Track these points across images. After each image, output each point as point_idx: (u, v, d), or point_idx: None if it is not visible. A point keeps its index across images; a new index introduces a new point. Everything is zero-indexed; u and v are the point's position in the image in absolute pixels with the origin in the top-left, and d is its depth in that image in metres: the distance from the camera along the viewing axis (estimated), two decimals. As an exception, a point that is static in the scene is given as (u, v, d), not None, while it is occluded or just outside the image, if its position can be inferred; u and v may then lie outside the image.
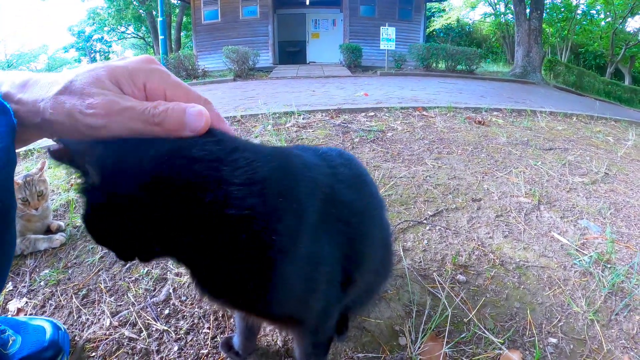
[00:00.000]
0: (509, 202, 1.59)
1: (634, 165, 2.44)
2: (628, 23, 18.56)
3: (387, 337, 0.89)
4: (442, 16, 21.51)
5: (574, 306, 1.02)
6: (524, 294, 1.06)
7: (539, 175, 1.96)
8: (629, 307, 1.04)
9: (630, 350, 0.90)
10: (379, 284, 0.81)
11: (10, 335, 0.80)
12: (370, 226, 0.63)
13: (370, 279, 0.69)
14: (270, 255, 0.42)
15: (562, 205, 1.62)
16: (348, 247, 0.53)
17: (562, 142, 2.76)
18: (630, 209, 1.68)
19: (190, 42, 18.61)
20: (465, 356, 0.84)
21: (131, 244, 0.40)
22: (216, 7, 13.23)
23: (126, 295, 1.01)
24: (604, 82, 14.34)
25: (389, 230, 0.79)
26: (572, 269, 1.19)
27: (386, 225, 0.76)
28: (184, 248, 0.40)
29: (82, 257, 1.19)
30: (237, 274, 0.43)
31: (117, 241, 0.41)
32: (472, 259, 1.19)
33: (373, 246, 0.65)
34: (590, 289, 1.10)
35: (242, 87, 7.62)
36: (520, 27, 11.69)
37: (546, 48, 17.77)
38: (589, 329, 0.96)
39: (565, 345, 0.90)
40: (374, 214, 0.65)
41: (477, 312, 0.97)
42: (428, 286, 1.05)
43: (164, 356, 0.82)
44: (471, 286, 1.07)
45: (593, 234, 1.42)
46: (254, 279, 0.43)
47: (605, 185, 1.94)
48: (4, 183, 0.39)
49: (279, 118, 3.02)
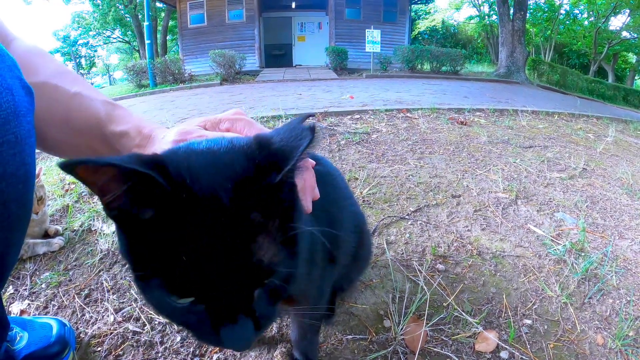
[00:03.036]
0: (487, 198, 1.69)
1: (613, 160, 2.56)
2: (611, 22, 19.15)
3: (372, 320, 0.97)
4: (427, 18, 21.87)
5: (548, 291, 1.11)
6: (500, 280, 1.15)
7: (517, 172, 2.06)
8: (602, 292, 1.13)
9: (603, 330, 0.98)
10: (360, 269, 0.90)
11: (18, 332, 0.83)
12: (343, 214, 0.73)
13: (349, 262, 0.78)
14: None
15: (539, 200, 1.72)
16: (328, 233, 0.61)
17: (542, 140, 2.87)
18: (606, 202, 1.78)
19: (176, 46, 18.52)
20: (445, 335, 0.92)
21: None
22: (202, 11, 13.21)
23: (128, 292, 1.06)
24: (587, 80, 14.71)
25: (363, 219, 0.88)
26: (547, 258, 1.28)
27: (359, 215, 0.86)
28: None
29: (82, 259, 1.23)
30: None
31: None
32: (451, 250, 1.28)
33: (347, 232, 0.74)
34: (564, 275, 1.19)
35: (229, 91, 7.63)
36: (504, 27, 11.95)
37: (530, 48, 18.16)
38: (562, 311, 1.04)
39: (539, 326, 0.99)
40: (345, 204, 0.75)
41: (455, 297, 1.05)
42: (409, 275, 1.14)
43: (168, 346, 0.88)
44: (450, 274, 1.16)
45: (568, 225, 1.52)
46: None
47: (583, 180, 2.04)
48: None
49: (266, 122, 3.07)
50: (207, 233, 0.32)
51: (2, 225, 0.46)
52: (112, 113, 0.63)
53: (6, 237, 0.48)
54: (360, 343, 0.90)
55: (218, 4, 13.04)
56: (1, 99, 0.42)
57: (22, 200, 0.48)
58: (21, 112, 0.45)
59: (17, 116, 0.44)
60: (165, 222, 0.32)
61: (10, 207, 0.46)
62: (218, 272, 0.32)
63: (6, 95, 0.43)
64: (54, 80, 0.60)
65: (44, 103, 0.57)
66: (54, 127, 0.60)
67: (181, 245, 0.32)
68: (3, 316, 0.70)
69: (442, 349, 0.89)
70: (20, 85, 0.47)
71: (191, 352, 0.86)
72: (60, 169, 0.35)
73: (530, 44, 19.72)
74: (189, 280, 0.33)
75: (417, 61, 12.02)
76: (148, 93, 9.07)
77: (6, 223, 0.46)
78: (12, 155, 0.44)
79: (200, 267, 0.32)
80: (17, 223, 0.50)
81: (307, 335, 0.76)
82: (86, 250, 1.27)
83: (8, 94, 0.43)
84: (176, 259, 0.32)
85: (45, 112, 0.58)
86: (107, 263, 1.19)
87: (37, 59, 0.62)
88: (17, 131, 0.44)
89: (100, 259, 1.21)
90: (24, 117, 0.46)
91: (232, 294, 0.34)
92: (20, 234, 0.53)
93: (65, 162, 0.29)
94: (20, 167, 0.46)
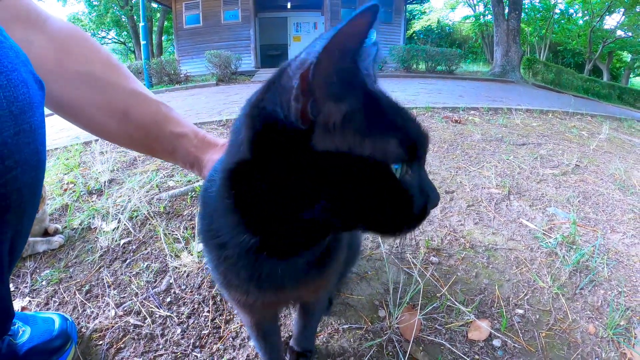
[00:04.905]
0: (481, 194, 1.72)
1: (606, 156, 2.59)
2: (605, 21, 19.24)
3: (368, 310, 0.99)
4: (423, 18, 21.95)
5: (539, 282, 1.14)
6: (492, 272, 1.18)
7: (510, 168, 2.09)
8: (594, 283, 1.15)
9: (595, 320, 1.01)
10: (352, 261, 0.92)
11: (20, 327, 0.84)
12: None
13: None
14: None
15: (531, 195, 1.75)
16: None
17: (535, 138, 2.90)
18: (598, 197, 1.81)
19: (171, 46, 18.51)
20: (438, 324, 0.95)
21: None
22: (197, 11, 13.19)
23: (129, 288, 1.08)
24: (582, 79, 14.76)
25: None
26: (539, 251, 1.31)
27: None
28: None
29: (82, 257, 1.24)
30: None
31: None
32: (445, 244, 1.31)
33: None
34: (555, 267, 1.22)
35: (225, 92, 7.63)
36: (499, 27, 12.01)
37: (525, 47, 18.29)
38: (554, 301, 1.07)
39: (531, 316, 1.01)
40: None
41: (448, 288, 1.08)
42: (404, 267, 1.16)
43: (168, 339, 0.90)
44: (443, 266, 1.18)
45: (560, 219, 1.55)
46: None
47: (576, 176, 2.07)
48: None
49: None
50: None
51: (15, 210, 0.48)
52: (169, 114, 0.72)
53: (18, 223, 0.51)
54: (356, 332, 0.92)
55: (213, 5, 13.03)
56: (18, 91, 0.45)
57: (34, 187, 0.51)
58: (35, 104, 0.48)
59: (31, 107, 0.47)
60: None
61: (24, 193, 0.48)
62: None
63: (22, 87, 0.46)
64: (108, 74, 0.67)
65: (99, 94, 0.65)
66: (112, 119, 0.68)
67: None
68: (9, 306, 0.72)
69: (435, 337, 0.91)
70: (33, 80, 0.50)
71: (191, 344, 0.88)
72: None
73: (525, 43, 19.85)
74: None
75: (413, 61, 12.06)
76: (144, 94, 9.05)
77: (19, 208, 0.49)
78: (27, 143, 0.47)
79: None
80: (28, 210, 0.52)
81: (311, 324, 0.78)
82: (86, 248, 1.28)
83: (24, 87, 0.46)
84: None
85: (106, 105, 0.67)
86: (107, 260, 1.21)
87: (82, 45, 0.67)
88: (32, 121, 0.47)
89: (100, 255, 1.23)
90: (37, 108, 0.49)
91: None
92: (29, 222, 0.56)
93: None
94: (34, 154, 0.48)
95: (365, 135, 0.33)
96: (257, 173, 0.36)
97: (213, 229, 0.46)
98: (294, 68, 0.31)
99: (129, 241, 1.30)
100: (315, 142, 0.32)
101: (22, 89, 0.46)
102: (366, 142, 0.33)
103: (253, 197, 0.38)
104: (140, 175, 1.86)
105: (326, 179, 0.34)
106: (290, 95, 0.31)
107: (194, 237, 1.27)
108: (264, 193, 0.37)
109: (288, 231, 0.40)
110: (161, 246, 1.24)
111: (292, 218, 0.38)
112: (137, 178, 1.80)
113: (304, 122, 0.32)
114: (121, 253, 1.24)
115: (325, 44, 0.29)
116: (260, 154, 0.35)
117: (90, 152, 2.40)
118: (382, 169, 0.35)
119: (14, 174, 0.45)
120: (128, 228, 1.36)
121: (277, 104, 0.32)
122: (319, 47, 0.29)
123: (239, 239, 0.42)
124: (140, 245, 1.27)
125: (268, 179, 0.35)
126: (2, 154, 0.43)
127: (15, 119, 0.45)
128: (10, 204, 0.47)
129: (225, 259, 0.46)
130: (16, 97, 0.45)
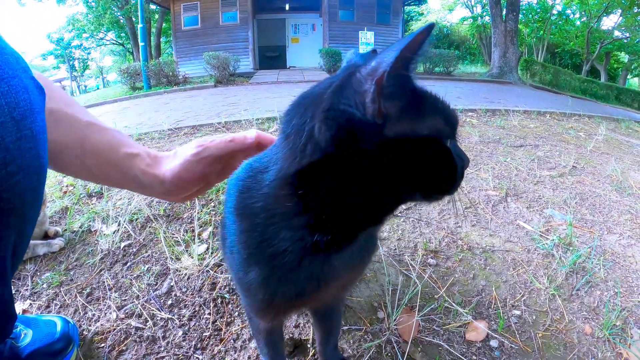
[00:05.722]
0: (478, 196, 1.73)
1: (603, 158, 2.60)
2: (603, 22, 19.37)
3: (367, 312, 1.00)
4: (420, 19, 22.00)
5: (536, 283, 1.15)
6: (489, 274, 1.19)
7: (508, 170, 2.11)
8: (590, 284, 1.17)
9: (591, 321, 1.02)
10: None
11: (22, 330, 0.85)
12: None
13: None
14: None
15: (528, 197, 1.76)
16: None
17: (533, 139, 2.92)
18: (595, 198, 1.83)
19: (170, 48, 18.49)
20: (436, 325, 0.96)
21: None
22: (196, 13, 13.21)
23: (130, 290, 1.08)
24: (580, 79, 14.81)
25: None
26: (536, 252, 1.32)
27: None
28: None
29: (83, 260, 1.25)
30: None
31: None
32: (442, 245, 1.32)
33: None
34: (552, 268, 1.23)
35: (224, 93, 7.64)
36: (496, 28, 12.07)
37: (523, 48, 18.32)
38: (550, 302, 1.08)
39: (528, 316, 1.03)
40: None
41: (446, 290, 1.09)
42: (402, 269, 1.18)
43: (170, 341, 0.91)
44: (441, 268, 1.20)
45: (557, 221, 1.56)
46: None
47: (573, 178, 2.08)
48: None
49: (262, 124, 3.10)
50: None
51: (18, 213, 0.49)
52: (122, 139, 0.75)
53: (21, 226, 0.52)
54: (355, 333, 0.93)
55: (212, 6, 13.05)
56: (19, 97, 0.46)
57: (36, 191, 0.52)
58: (36, 109, 0.49)
59: (32, 113, 0.48)
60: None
61: (26, 197, 0.49)
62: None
63: (23, 94, 0.47)
64: (67, 109, 0.69)
65: (59, 129, 0.66)
66: (67, 149, 0.69)
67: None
68: (11, 308, 0.72)
69: (433, 338, 0.92)
70: (34, 85, 0.51)
71: (193, 346, 0.89)
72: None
73: (523, 45, 19.91)
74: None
75: (411, 62, 12.05)
76: (142, 95, 9.05)
77: (22, 212, 0.50)
78: (29, 148, 0.48)
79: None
80: (30, 213, 0.53)
81: (337, 329, 0.79)
82: (87, 251, 1.29)
83: (24, 93, 0.47)
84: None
85: (62, 137, 0.67)
86: (108, 262, 1.22)
87: (47, 85, 0.68)
88: (33, 127, 0.48)
89: (101, 258, 1.24)
90: (38, 114, 0.50)
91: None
92: (32, 226, 0.57)
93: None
94: (35, 159, 0.49)
95: (419, 120, 0.41)
96: (334, 168, 0.40)
97: (266, 240, 0.47)
98: (365, 74, 0.37)
99: (129, 244, 1.30)
100: (387, 132, 0.39)
101: (23, 95, 0.47)
102: (422, 125, 0.41)
103: (328, 191, 0.42)
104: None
105: (396, 159, 0.40)
106: (365, 98, 0.37)
107: (194, 240, 1.28)
108: (341, 185, 0.41)
109: (361, 215, 0.44)
110: (161, 249, 1.25)
111: (366, 200, 0.43)
112: (137, 181, 1.80)
113: (379, 118, 0.38)
114: (122, 256, 1.25)
115: (396, 55, 0.35)
116: (339, 150, 0.39)
117: (90, 154, 2.40)
118: (437, 143, 0.42)
119: (16, 179, 0.46)
120: (128, 231, 1.37)
121: (352, 106, 0.38)
122: (391, 58, 0.35)
123: (304, 242, 0.45)
124: (140, 248, 1.28)
125: (346, 171, 0.40)
126: (5, 160, 0.44)
127: (17, 125, 0.46)
128: (13, 207, 0.48)
129: (283, 266, 0.48)
130: (17, 104, 0.46)
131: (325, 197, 0.42)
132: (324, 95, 0.40)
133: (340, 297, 0.72)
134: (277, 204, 0.45)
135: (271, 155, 0.47)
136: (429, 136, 0.42)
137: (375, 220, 0.47)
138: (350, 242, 0.48)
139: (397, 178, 0.41)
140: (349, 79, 0.39)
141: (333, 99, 0.39)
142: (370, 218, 0.46)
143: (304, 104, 0.43)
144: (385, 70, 0.35)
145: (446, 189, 0.47)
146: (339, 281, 0.55)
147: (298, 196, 0.42)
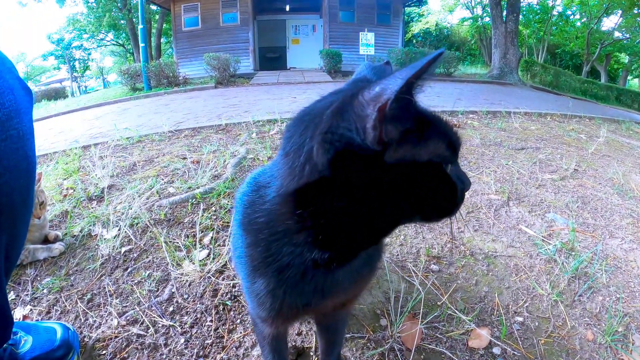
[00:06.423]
0: (480, 200, 1.73)
1: (604, 160, 2.59)
2: (603, 23, 19.33)
3: (369, 319, 1.00)
4: (421, 21, 21.98)
5: (538, 289, 1.15)
6: (492, 279, 1.18)
7: (509, 173, 2.10)
8: (592, 289, 1.16)
9: (593, 327, 1.02)
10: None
11: (22, 336, 0.84)
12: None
13: None
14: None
15: (530, 201, 1.76)
16: None
17: (534, 142, 2.91)
18: (597, 202, 1.82)
19: (170, 49, 18.50)
20: (439, 333, 0.95)
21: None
22: (196, 14, 13.20)
23: (131, 296, 1.08)
24: (580, 80, 14.78)
25: None
26: (538, 257, 1.32)
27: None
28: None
29: (83, 264, 1.24)
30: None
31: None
32: (445, 251, 1.32)
33: None
34: (554, 274, 1.22)
35: (224, 94, 7.63)
36: (497, 29, 12.05)
37: (523, 49, 18.32)
38: (553, 308, 1.08)
39: (530, 323, 1.02)
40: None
41: (449, 296, 1.09)
42: (405, 275, 1.17)
43: (172, 349, 0.90)
44: (444, 274, 1.19)
45: (559, 225, 1.56)
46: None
47: (574, 181, 2.08)
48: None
49: (262, 126, 3.10)
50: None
51: (8, 216, 0.49)
52: None
53: (12, 227, 0.51)
54: (358, 341, 0.93)
55: (212, 7, 13.04)
56: (4, 98, 0.46)
57: (25, 192, 0.52)
58: (22, 110, 0.49)
59: (18, 113, 0.48)
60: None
61: (15, 199, 0.49)
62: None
63: (8, 94, 0.46)
64: None
65: None
66: None
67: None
68: (8, 313, 0.72)
69: (436, 345, 0.92)
70: (20, 86, 0.50)
71: (195, 354, 0.89)
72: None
73: (524, 46, 19.91)
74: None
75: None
76: (142, 96, 9.03)
77: (11, 214, 0.49)
78: (15, 149, 0.47)
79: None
80: (21, 215, 0.53)
81: (341, 338, 0.79)
82: (87, 256, 1.28)
83: (10, 94, 0.47)
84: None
85: None
86: (109, 268, 1.21)
87: None
88: (19, 127, 0.48)
89: (101, 263, 1.23)
90: (25, 114, 0.49)
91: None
92: (24, 228, 0.56)
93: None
94: (22, 160, 0.49)
95: (420, 145, 0.40)
96: (331, 190, 0.40)
97: (271, 254, 0.48)
98: (368, 99, 0.36)
99: (130, 249, 1.30)
100: (387, 158, 0.38)
101: (8, 96, 0.46)
102: (422, 151, 0.41)
103: (326, 212, 0.42)
104: (140, 181, 1.87)
105: (394, 184, 0.40)
106: (366, 123, 0.36)
107: (195, 246, 1.28)
108: (339, 206, 0.41)
109: (358, 236, 0.45)
110: (162, 254, 1.25)
111: (364, 223, 0.43)
112: (137, 184, 1.80)
113: (379, 145, 0.37)
114: (122, 261, 1.24)
115: (402, 84, 0.34)
116: (337, 173, 0.39)
117: (90, 156, 2.40)
118: (437, 168, 0.42)
119: (3, 180, 0.46)
120: (129, 236, 1.36)
121: (352, 131, 0.37)
122: (397, 86, 0.34)
123: (307, 256, 0.46)
124: (141, 254, 1.28)
125: (343, 193, 0.40)
126: None
127: (2, 126, 0.45)
128: (1, 208, 0.48)
129: (288, 279, 0.49)
130: (2, 104, 0.45)
131: (324, 216, 0.42)
132: (323, 115, 0.40)
133: (347, 308, 0.72)
134: (279, 220, 0.45)
135: (273, 170, 0.47)
136: (430, 161, 0.41)
137: (373, 241, 0.48)
138: (349, 260, 0.48)
139: (395, 201, 0.41)
140: (350, 101, 0.38)
141: (332, 121, 0.38)
142: (368, 239, 0.46)
143: (305, 122, 0.42)
144: (390, 98, 0.35)
145: (445, 213, 0.47)
146: (344, 293, 0.56)
147: (297, 215, 0.43)
